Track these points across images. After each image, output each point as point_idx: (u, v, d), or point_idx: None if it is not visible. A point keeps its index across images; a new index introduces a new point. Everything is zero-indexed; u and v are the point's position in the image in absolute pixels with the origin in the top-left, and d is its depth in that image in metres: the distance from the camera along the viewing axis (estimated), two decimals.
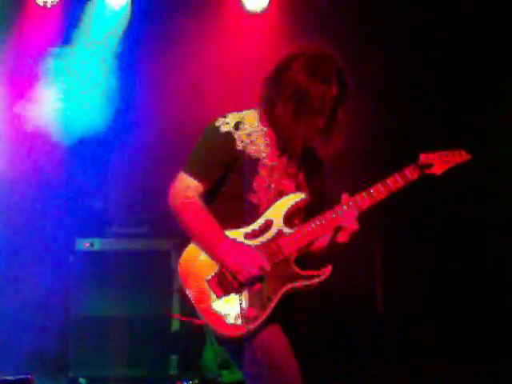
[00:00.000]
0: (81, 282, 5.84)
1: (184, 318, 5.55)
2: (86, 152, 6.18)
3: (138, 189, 6.11)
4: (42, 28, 6.23)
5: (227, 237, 3.16)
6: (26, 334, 5.79)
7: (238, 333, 3.07)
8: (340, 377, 6.36)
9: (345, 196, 3.28)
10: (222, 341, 3.19)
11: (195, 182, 3.24)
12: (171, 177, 3.29)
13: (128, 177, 6.16)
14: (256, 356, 3.07)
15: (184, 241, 3.24)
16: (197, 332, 5.57)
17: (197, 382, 5.65)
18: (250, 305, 3.09)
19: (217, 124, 3.28)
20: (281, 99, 3.22)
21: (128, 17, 6.36)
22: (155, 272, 5.91)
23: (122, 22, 6.37)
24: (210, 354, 5.57)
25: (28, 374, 4.18)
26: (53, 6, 6.20)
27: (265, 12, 6.53)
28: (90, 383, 5.81)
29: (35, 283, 5.92)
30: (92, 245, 5.95)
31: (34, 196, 6.02)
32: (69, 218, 6.01)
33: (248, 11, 6.51)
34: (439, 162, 3.34)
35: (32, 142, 6.15)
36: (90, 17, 6.29)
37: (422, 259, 6.79)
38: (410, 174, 3.31)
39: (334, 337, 6.64)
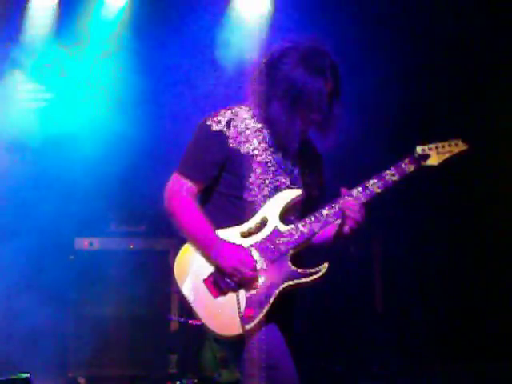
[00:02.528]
0: (80, 282, 5.85)
1: (182, 320, 5.54)
2: (86, 151, 6.17)
3: (137, 188, 6.09)
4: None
5: (220, 238, 3.12)
6: (26, 333, 5.78)
7: (236, 333, 3.05)
8: (340, 377, 6.36)
9: (343, 190, 3.23)
10: (220, 341, 3.16)
11: (189, 182, 3.21)
12: (170, 176, 3.27)
13: (127, 176, 6.15)
14: (253, 356, 3.05)
15: (182, 240, 3.21)
16: (195, 331, 5.56)
17: (196, 381, 5.65)
18: (248, 304, 3.06)
19: (208, 123, 3.24)
20: (276, 95, 3.17)
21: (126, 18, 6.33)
22: (154, 271, 5.92)
23: (119, 24, 6.33)
24: (209, 353, 5.57)
25: (27, 373, 4.18)
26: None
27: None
28: (89, 383, 5.81)
29: (34, 283, 5.91)
30: (91, 244, 5.96)
31: (33, 195, 6.02)
32: (68, 217, 6.00)
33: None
34: (436, 153, 3.30)
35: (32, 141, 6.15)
36: (89, 16, 6.26)
37: (422, 259, 6.78)
38: (406, 166, 3.26)
39: (334, 336, 6.63)
